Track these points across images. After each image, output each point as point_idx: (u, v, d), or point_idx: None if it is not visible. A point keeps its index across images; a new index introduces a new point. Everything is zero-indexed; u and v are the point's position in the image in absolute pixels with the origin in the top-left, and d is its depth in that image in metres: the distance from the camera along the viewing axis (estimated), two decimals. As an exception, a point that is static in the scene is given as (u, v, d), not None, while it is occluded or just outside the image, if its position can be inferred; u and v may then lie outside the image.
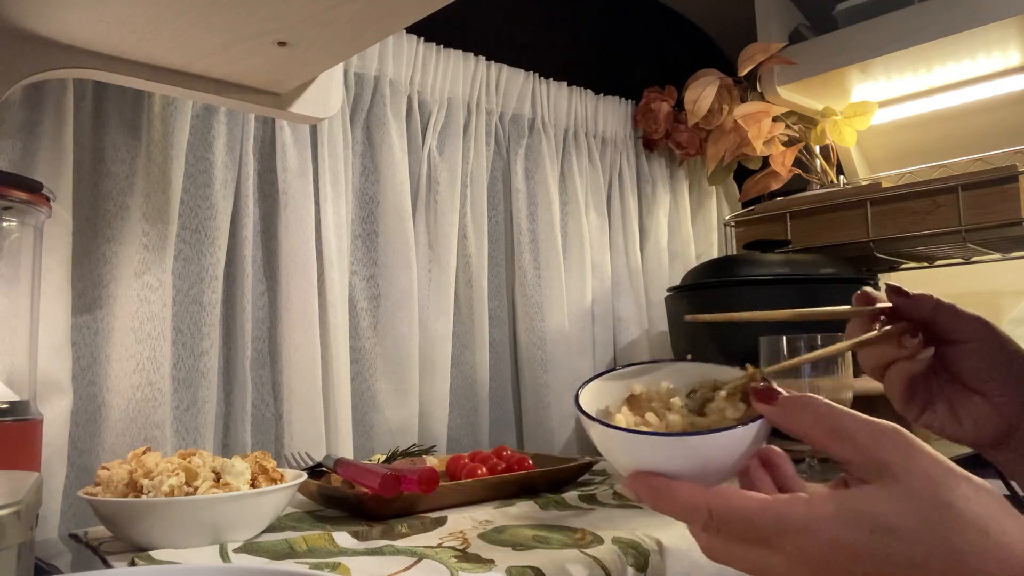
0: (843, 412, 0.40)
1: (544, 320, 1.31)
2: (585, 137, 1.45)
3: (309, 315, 1.03)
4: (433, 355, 1.18)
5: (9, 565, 0.39)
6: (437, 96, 1.22)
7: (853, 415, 0.39)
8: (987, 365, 0.51)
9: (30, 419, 0.67)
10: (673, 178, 1.62)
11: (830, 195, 1.36)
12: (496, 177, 1.33)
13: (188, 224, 0.96)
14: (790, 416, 0.41)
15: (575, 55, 1.49)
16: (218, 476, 0.66)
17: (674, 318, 1.35)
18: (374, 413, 1.12)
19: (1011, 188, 1.14)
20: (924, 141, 1.52)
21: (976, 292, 1.48)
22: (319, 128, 1.07)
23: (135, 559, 0.62)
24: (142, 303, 0.90)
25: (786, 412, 0.41)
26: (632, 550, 0.63)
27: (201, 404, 0.94)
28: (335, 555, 0.62)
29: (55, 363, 0.82)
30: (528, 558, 0.60)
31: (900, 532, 0.35)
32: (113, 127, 0.91)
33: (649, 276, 1.53)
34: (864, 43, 1.33)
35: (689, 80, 1.49)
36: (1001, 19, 1.18)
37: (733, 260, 1.28)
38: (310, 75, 0.84)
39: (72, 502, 0.85)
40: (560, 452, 1.27)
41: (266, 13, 0.66)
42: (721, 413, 0.44)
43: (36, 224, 0.73)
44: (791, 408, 0.41)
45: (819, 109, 1.50)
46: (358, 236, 1.14)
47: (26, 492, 0.43)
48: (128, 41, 0.71)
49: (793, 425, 0.41)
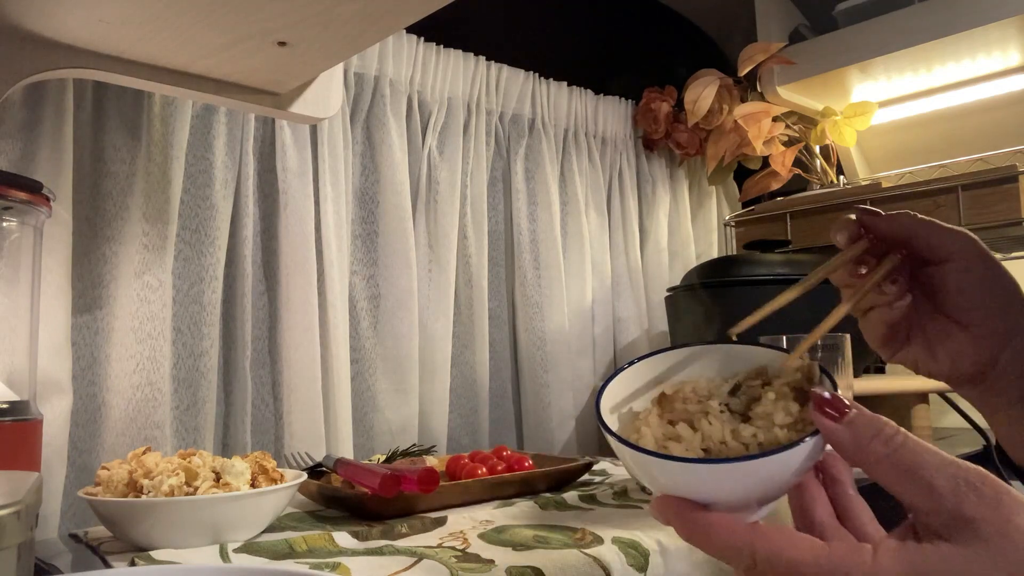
0: (922, 447, 0.33)
1: (544, 320, 1.31)
2: (585, 137, 1.45)
3: (309, 315, 1.03)
4: (433, 355, 1.18)
5: (9, 565, 0.39)
6: (437, 96, 1.22)
7: (933, 451, 0.33)
8: (971, 285, 0.46)
9: (30, 419, 0.67)
10: (673, 178, 1.62)
11: (830, 195, 1.36)
12: (496, 177, 1.33)
13: (188, 224, 0.96)
14: (859, 441, 0.34)
15: (575, 55, 1.49)
16: (218, 476, 0.66)
17: (674, 318, 1.35)
18: (374, 413, 1.12)
19: (1011, 188, 1.14)
20: (924, 141, 1.52)
21: (976, 292, 1.48)
22: (319, 128, 1.07)
23: (135, 559, 0.62)
24: (142, 303, 0.90)
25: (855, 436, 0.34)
26: (632, 550, 0.63)
27: (201, 404, 0.94)
28: (335, 555, 0.62)
29: (55, 363, 0.82)
30: (528, 558, 0.60)
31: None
32: (113, 127, 0.91)
33: (649, 276, 1.53)
34: (864, 43, 1.33)
35: (689, 80, 1.49)
36: (1001, 19, 1.19)
37: (733, 260, 1.28)
38: (310, 75, 0.84)
39: (72, 502, 0.85)
40: (560, 452, 1.27)
41: (266, 13, 0.66)
42: (769, 419, 0.37)
43: (36, 224, 0.73)
44: (862, 432, 0.34)
45: (819, 109, 1.50)
46: (358, 236, 1.14)
47: (26, 492, 0.42)
48: (128, 41, 0.71)
49: (858, 453, 0.34)
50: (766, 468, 0.35)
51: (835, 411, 0.35)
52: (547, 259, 1.34)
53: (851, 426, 0.34)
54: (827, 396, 0.35)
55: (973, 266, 0.46)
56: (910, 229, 0.46)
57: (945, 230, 0.46)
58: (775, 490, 0.36)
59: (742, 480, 0.35)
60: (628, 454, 0.37)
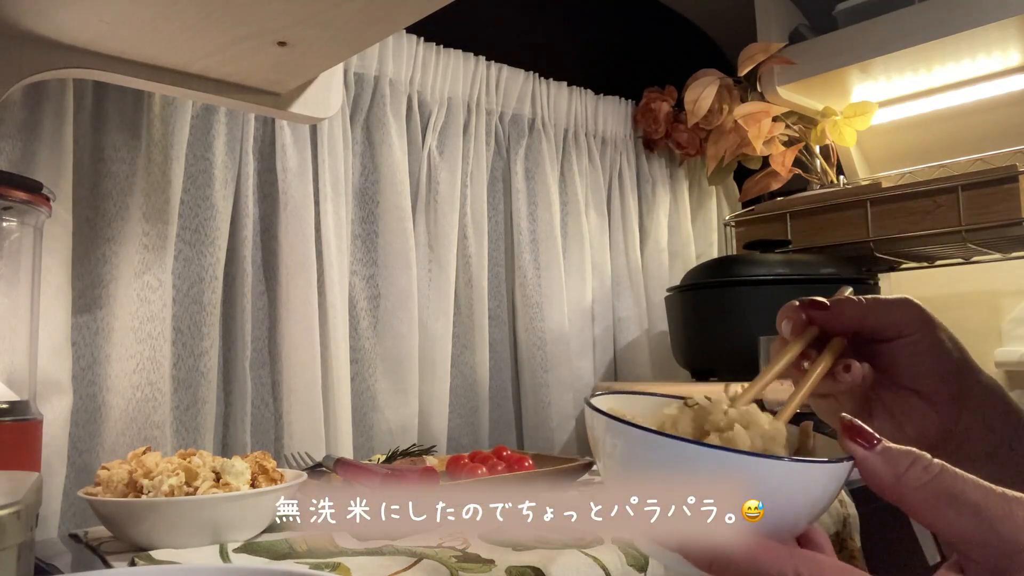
0: (962, 473, 0.31)
1: (544, 320, 1.31)
2: (585, 137, 1.45)
3: (309, 315, 1.03)
4: (433, 355, 1.18)
5: (9, 565, 0.39)
6: (437, 96, 1.22)
7: (975, 478, 0.31)
8: (923, 353, 0.44)
9: (30, 419, 0.67)
10: (673, 178, 1.62)
11: (830, 195, 1.36)
12: (496, 177, 1.33)
13: (188, 224, 0.96)
14: (895, 469, 0.32)
15: (575, 55, 1.49)
16: (218, 476, 0.66)
17: (674, 318, 1.35)
18: (374, 413, 1.12)
19: (1011, 188, 1.14)
20: (924, 141, 1.52)
21: (976, 292, 1.48)
22: (319, 128, 1.07)
23: (135, 559, 0.62)
24: (142, 303, 0.90)
25: (891, 463, 0.32)
26: (632, 550, 0.63)
27: (201, 404, 0.94)
28: (335, 555, 0.62)
29: (55, 363, 0.82)
30: (528, 558, 0.60)
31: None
32: (113, 127, 0.91)
33: (649, 276, 1.53)
34: (864, 43, 1.33)
35: (689, 80, 1.49)
36: (1001, 19, 1.18)
37: (733, 260, 1.29)
38: (310, 75, 0.84)
39: (72, 502, 0.85)
40: (560, 452, 1.27)
41: (266, 13, 0.66)
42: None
43: (36, 224, 0.73)
44: (898, 459, 0.32)
45: (819, 109, 1.50)
46: (358, 236, 1.14)
47: (26, 492, 0.43)
48: (128, 41, 0.71)
49: (895, 482, 0.32)
50: (816, 478, 0.32)
51: (865, 440, 0.33)
52: (547, 259, 1.33)
53: (885, 454, 0.32)
54: (857, 424, 0.33)
55: (922, 335, 0.44)
56: (857, 317, 0.44)
57: (891, 306, 0.45)
58: (805, 519, 0.34)
59: (791, 487, 0.32)
60: (663, 449, 0.32)
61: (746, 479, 0.31)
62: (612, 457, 0.35)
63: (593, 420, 0.36)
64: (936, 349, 0.44)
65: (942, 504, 0.31)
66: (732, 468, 0.32)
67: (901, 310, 0.45)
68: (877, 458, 0.32)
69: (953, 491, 0.31)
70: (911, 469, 0.32)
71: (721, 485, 0.32)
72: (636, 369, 1.46)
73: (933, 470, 0.31)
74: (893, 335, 0.45)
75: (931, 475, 0.31)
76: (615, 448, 0.35)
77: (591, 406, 0.36)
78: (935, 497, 0.31)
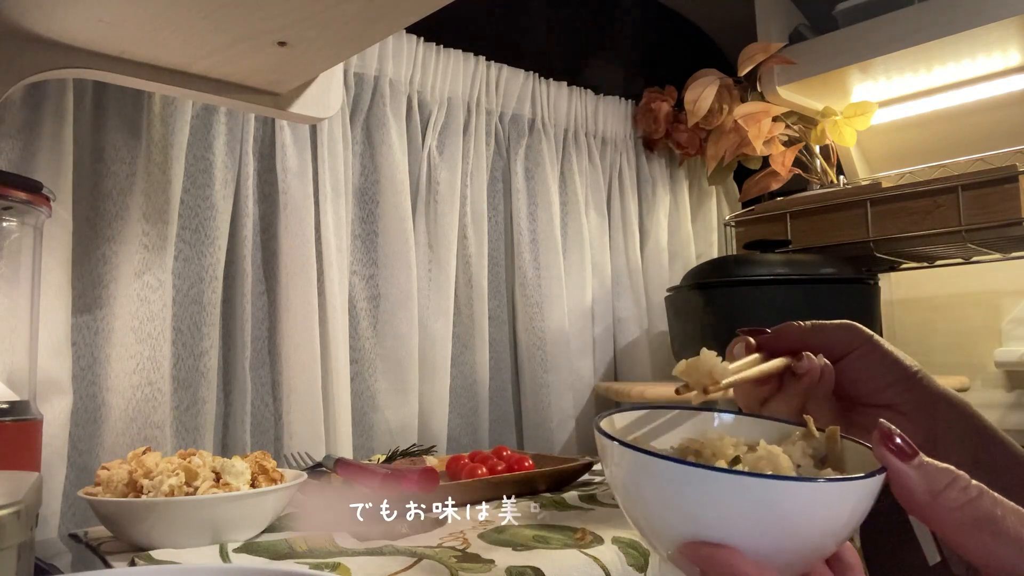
0: (1001, 497, 0.30)
1: (544, 320, 1.31)
2: (585, 137, 1.45)
3: (309, 315, 1.03)
4: (433, 355, 1.18)
5: (9, 565, 0.39)
6: (437, 96, 1.22)
7: (1016, 507, 0.30)
8: (874, 366, 0.45)
9: (30, 419, 0.67)
10: (673, 178, 1.62)
11: (830, 195, 1.36)
12: (496, 177, 1.33)
13: (188, 224, 0.96)
14: (932, 488, 0.30)
15: (575, 55, 1.49)
16: (218, 476, 0.66)
17: (674, 318, 1.35)
18: (374, 413, 1.12)
19: (1011, 188, 1.14)
20: (924, 141, 1.52)
21: (976, 292, 1.48)
22: (319, 128, 1.07)
23: (135, 559, 0.62)
24: (142, 303, 0.90)
25: (929, 480, 0.30)
26: (632, 550, 0.63)
27: (201, 404, 0.94)
28: (335, 555, 0.62)
29: (55, 363, 0.82)
30: (528, 558, 0.60)
31: None
32: (113, 127, 0.91)
33: (649, 276, 1.53)
34: (864, 43, 1.33)
35: (689, 80, 1.49)
36: (1001, 19, 1.18)
37: (733, 260, 1.28)
38: (310, 75, 0.84)
39: (72, 502, 0.85)
40: (560, 452, 1.27)
41: (266, 13, 0.66)
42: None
43: (36, 224, 0.73)
44: (936, 477, 0.30)
45: (819, 109, 1.49)
46: (358, 236, 1.14)
47: (26, 492, 0.43)
48: (128, 41, 0.71)
49: (931, 500, 0.30)
50: (842, 498, 0.30)
51: (902, 451, 0.31)
52: (547, 259, 1.33)
53: (922, 469, 0.31)
54: (895, 432, 0.31)
55: (870, 347, 0.45)
56: (799, 339, 0.45)
57: (832, 326, 0.46)
58: (831, 542, 0.32)
59: (816, 509, 0.30)
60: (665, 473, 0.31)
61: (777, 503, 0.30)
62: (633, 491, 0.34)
63: (614, 451, 0.34)
64: (887, 358, 0.45)
65: (981, 527, 0.30)
66: (763, 493, 0.30)
67: (842, 329, 0.46)
68: (913, 472, 0.31)
69: (993, 517, 0.29)
70: (949, 489, 0.30)
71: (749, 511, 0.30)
72: (636, 369, 1.46)
73: (971, 492, 0.30)
74: (841, 351, 0.45)
75: (968, 497, 0.30)
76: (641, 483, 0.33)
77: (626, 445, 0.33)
78: (974, 521, 0.30)
